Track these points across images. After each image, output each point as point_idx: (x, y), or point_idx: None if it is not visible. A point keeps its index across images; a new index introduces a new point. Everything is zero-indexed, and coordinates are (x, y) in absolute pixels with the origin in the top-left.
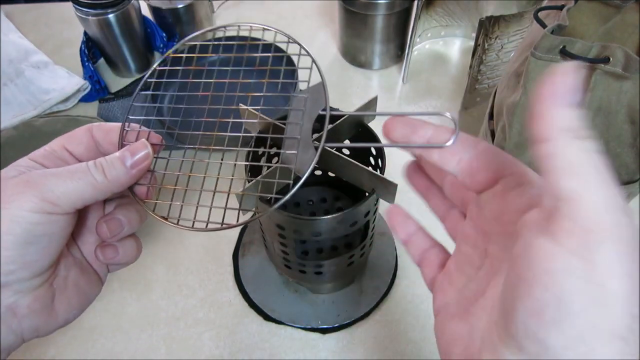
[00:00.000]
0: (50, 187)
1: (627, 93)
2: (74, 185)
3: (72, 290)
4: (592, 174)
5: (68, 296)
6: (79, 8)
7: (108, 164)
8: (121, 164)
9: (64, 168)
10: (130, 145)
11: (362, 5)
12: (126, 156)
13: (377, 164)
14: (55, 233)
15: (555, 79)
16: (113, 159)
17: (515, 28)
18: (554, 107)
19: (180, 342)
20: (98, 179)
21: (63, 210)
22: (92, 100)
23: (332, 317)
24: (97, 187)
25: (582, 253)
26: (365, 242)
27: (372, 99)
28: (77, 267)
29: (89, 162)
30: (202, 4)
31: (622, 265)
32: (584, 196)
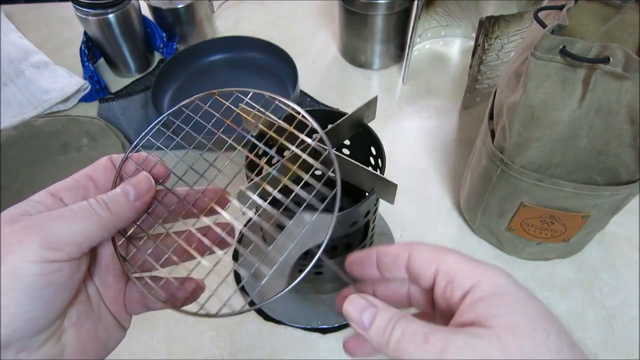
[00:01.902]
0: (52, 231)
1: (627, 93)
2: (78, 226)
3: (85, 342)
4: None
5: (82, 349)
6: (79, 8)
7: (111, 199)
8: (124, 198)
9: (65, 209)
10: (131, 179)
11: (362, 5)
12: (128, 190)
13: (377, 164)
14: (62, 283)
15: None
16: (115, 193)
17: (515, 28)
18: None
19: (180, 342)
20: (102, 214)
21: (69, 256)
22: (92, 100)
23: (332, 317)
24: (102, 224)
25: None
26: (365, 242)
27: (372, 99)
28: (94, 317)
29: (90, 199)
30: (202, 4)
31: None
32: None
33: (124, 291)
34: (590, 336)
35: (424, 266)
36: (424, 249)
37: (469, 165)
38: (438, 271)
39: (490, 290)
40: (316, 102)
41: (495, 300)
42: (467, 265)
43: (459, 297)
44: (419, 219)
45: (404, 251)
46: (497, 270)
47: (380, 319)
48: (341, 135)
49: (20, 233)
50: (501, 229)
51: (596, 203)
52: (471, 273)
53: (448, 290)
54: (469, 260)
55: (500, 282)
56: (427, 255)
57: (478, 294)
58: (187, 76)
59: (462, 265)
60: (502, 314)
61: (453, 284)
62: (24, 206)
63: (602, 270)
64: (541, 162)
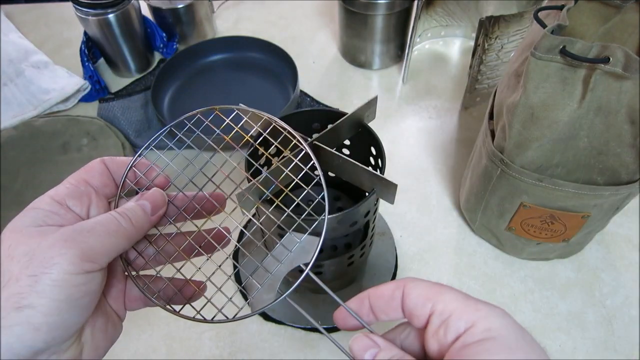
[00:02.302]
0: (90, 245)
1: (627, 93)
2: (110, 239)
3: (99, 339)
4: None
5: (96, 346)
6: (79, 8)
7: (132, 213)
8: (143, 212)
9: (95, 221)
10: (145, 194)
11: (362, 5)
12: (145, 205)
13: (377, 164)
14: (95, 291)
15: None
16: (134, 207)
17: (515, 28)
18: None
19: (180, 342)
20: (127, 228)
21: (100, 267)
22: (92, 100)
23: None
24: (128, 236)
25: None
26: (365, 242)
27: (372, 99)
28: (103, 315)
29: (113, 212)
30: (202, 4)
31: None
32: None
33: (124, 290)
34: (590, 336)
35: (419, 304)
36: (419, 285)
37: (469, 165)
38: (433, 310)
39: (482, 336)
40: (316, 102)
41: (485, 347)
42: (463, 305)
43: (451, 339)
44: (419, 219)
45: (398, 290)
46: (495, 311)
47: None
48: (341, 135)
49: (59, 247)
50: (501, 229)
51: (596, 203)
52: (467, 314)
53: (441, 331)
54: (467, 299)
55: (494, 325)
56: (422, 292)
57: (469, 338)
58: (187, 76)
59: (458, 305)
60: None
61: (447, 325)
62: (37, 215)
63: (602, 270)
64: (541, 162)
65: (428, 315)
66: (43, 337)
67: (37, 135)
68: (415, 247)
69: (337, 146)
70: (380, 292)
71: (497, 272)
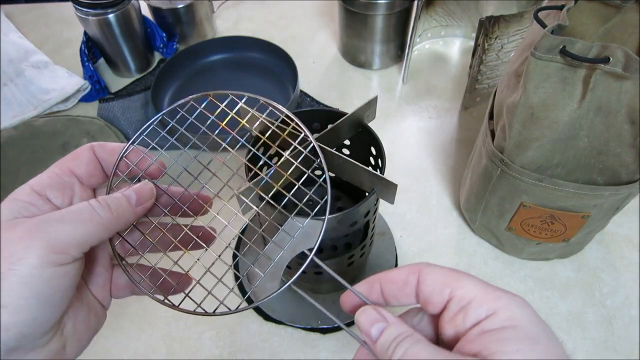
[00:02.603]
0: (58, 235)
1: (627, 93)
2: (82, 228)
3: (81, 331)
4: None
5: (79, 338)
6: (79, 8)
7: (113, 201)
8: (126, 202)
9: (67, 210)
10: (134, 185)
11: (362, 5)
12: (130, 195)
13: (377, 164)
14: (68, 285)
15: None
16: (118, 196)
17: (515, 28)
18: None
19: (180, 342)
20: (104, 216)
21: (73, 258)
22: (92, 100)
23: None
24: (105, 225)
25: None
26: (365, 242)
27: (372, 99)
28: (85, 306)
29: (91, 200)
30: (202, 4)
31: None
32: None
33: (111, 279)
34: (590, 336)
35: (436, 291)
36: (436, 271)
37: (469, 165)
38: (452, 296)
39: (504, 324)
40: (316, 102)
41: (506, 335)
42: (484, 293)
43: (469, 325)
44: (419, 219)
45: (412, 275)
46: (515, 300)
47: (386, 334)
48: (341, 135)
49: (24, 239)
50: (501, 229)
51: (596, 203)
52: (488, 302)
53: (460, 318)
54: (487, 287)
55: (516, 315)
56: (439, 278)
57: (489, 325)
58: (187, 76)
59: (479, 292)
60: (508, 351)
61: (467, 312)
62: (14, 207)
63: (602, 270)
64: (541, 162)
65: (445, 302)
66: (14, 336)
67: (37, 135)
68: (415, 247)
69: (337, 146)
70: (392, 276)
71: (497, 272)
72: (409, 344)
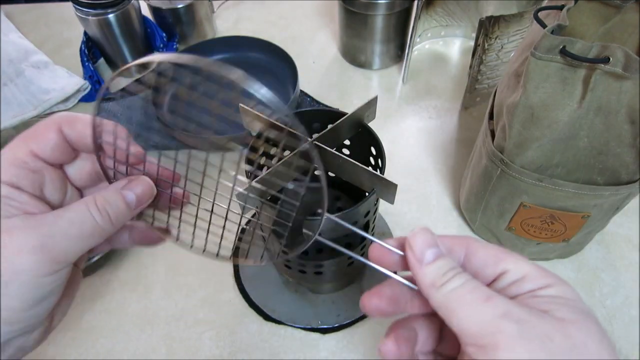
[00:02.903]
0: (61, 249)
1: (627, 93)
2: (83, 243)
3: (64, 302)
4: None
5: (62, 309)
6: (79, 8)
7: (114, 210)
8: (126, 208)
9: (69, 221)
10: (131, 182)
11: (362, 5)
12: (130, 198)
13: (377, 164)
14: (63, 284)
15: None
16: (117, 201)
17: (515, 28)
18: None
19: (180, 342)
20: (106, 227)
21: (69, 264)
22: (92, 100)
23: (332, 317)
24: (103, 234)
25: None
26: (365, 242)
27: (372, 99)
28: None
29: (90, 205)
30: (202, 4)
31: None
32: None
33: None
34: None
35: (489, 263)
36: (488, 246)
37: (469, 165)
38: (506, 270)
39: (559, 294)
40: (316, 102)
41: (563, 301)
42: (537, 270)
43: (524, 291)
44: (419, 219)
45: (459, 246)
46: (566, 282)
47: (444, 262)
48: (341, 135)
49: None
50: (501, 229)
51: (596, 203)
52: (542, 278)
53: (514, 287)
54: (539, 267)
55: (568, 291)
56: (492, 252)
57: (546, 293)
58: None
59: (532, 268)
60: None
61: (522, 283)
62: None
63: (602, 270)
64: (541, 162)
65: (497, 275)
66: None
67: None
68: None
69: (337, 146)
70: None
71: None
72: (468, 277)
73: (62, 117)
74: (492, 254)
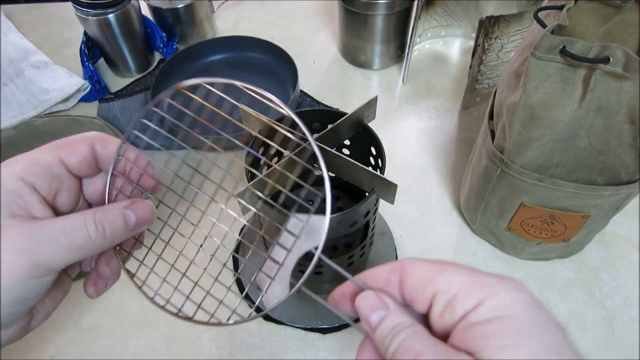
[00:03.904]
0: (47, 256)
1: (627, 93)
2: (71, 254)
3: (48, 306)
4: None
5: (45, 311)
6: (79, 8)
7: (110, 225)
8: (124, 226)
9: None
10: (134, 203)
11: (362, 5)
12: (130, 218)
13: (377, 164)
14: (45, 290)
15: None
16: (115, 218)
17: (515, 28)
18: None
19: (180, 342)
20: (98, 242)
21: (54, 272)
22: (92, 100)
23: (332, 317)
24: (94, 249)
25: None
26: (365, 242)
27: (372, 99)
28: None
29: (88, 218)
30: (202, 4)
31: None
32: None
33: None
34: (590, 336)
35: (419, 288)
36: (417, 266)
37: (469, 165)
38: (437, 291)
39: (491, 314)
40: (316, 102)
41: (491, 328)
42: (470, 281)
43: (457, 318)
44: (419, 219)
45: (394, 273)
46: (507, 285)
47: (385, 324)
48: (341, 135)
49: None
50: (501, 229)
51: (596, 203)
52: (474, 291)
53: (447, 313)
54: (473, 274)
55: (505, 302)
56: (421, 274)
57: (475, 317)
58: (187, 76)
59: (464, 281)
60: (494, 347)
61: (453, 305)
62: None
63: (602, 270)
64: (541, 162)
65: (430, 298)
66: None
67: (37, 135)
68: (415, 247)
69: (337, 146)
70: (375, 275)
71: (497, 272)
72: (406, 335)
73: (97, 135)
74: (423, 275)
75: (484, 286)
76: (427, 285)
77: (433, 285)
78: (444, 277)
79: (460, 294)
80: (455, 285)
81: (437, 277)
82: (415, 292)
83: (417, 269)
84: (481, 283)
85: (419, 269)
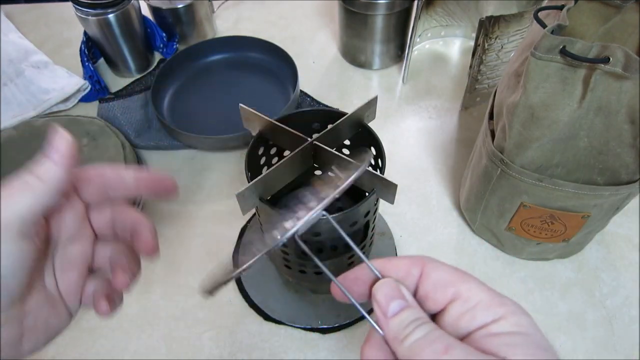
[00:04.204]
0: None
1: (627, 93)
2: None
3: (41, 329)
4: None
5: (37, 334)
6: (79, 8)
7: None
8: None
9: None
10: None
11: (362, 5)
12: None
13: (377, 164)
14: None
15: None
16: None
17: (515, 28)
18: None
19: (180, 342)
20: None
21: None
22: (92, 100)
23: (332, 317)
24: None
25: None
26: (365, 242)
27: (372, 99)
28: (49, 304)
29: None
30: (202, 4)
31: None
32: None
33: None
34: (590, 336)
35: (440, 288)
36: (441, 268)
37: (469, 165)
38: (457, 296)
39: (513, 329)
40: (316, 102)
41: (515, 340)
42: (490, 297)
43: (476, 327)
44: (419, 219)
45: (415, 267)
46: (520, 309)
47: (407, 313)
48: (341, 135)
49: None
50: (501, 229)
51: (596, 203)
52: (495, 306)
53: (466, 319)
54: (492, 291)
55: (524, 322)
56: (444, 276)
57: (497, 328)
58: (187, 76)
59: (485, 295)
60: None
61: (474, 313)
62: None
63: (602, 270)
64: (541, 162)
65: (448, 301)
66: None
67: (37, 135)
68: (415, 247)
69: (337, 146)
70: (395, 266)
71: (497, 272)
72: (429, 328)
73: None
74: (446, 277)
75: (502, 305)
76: (449, 288)
77: (455, 289)
78: (468, 286)
79: (481, 305)
80: (477, 296)
81: (460, 284)
82: (434, 291)
83: (439, 269)
84: (500, 301)
85: (441, 270)
